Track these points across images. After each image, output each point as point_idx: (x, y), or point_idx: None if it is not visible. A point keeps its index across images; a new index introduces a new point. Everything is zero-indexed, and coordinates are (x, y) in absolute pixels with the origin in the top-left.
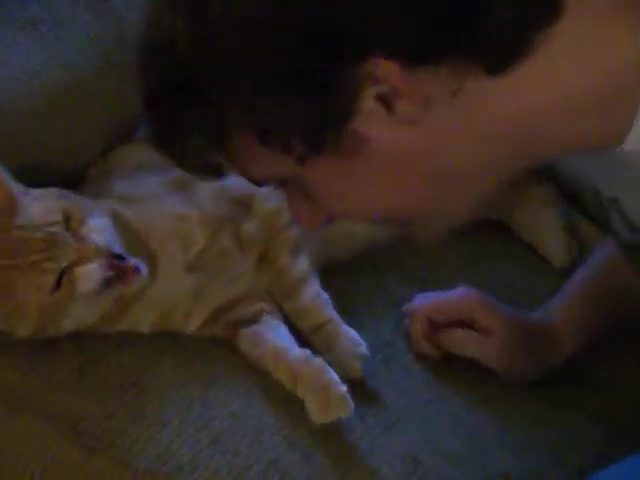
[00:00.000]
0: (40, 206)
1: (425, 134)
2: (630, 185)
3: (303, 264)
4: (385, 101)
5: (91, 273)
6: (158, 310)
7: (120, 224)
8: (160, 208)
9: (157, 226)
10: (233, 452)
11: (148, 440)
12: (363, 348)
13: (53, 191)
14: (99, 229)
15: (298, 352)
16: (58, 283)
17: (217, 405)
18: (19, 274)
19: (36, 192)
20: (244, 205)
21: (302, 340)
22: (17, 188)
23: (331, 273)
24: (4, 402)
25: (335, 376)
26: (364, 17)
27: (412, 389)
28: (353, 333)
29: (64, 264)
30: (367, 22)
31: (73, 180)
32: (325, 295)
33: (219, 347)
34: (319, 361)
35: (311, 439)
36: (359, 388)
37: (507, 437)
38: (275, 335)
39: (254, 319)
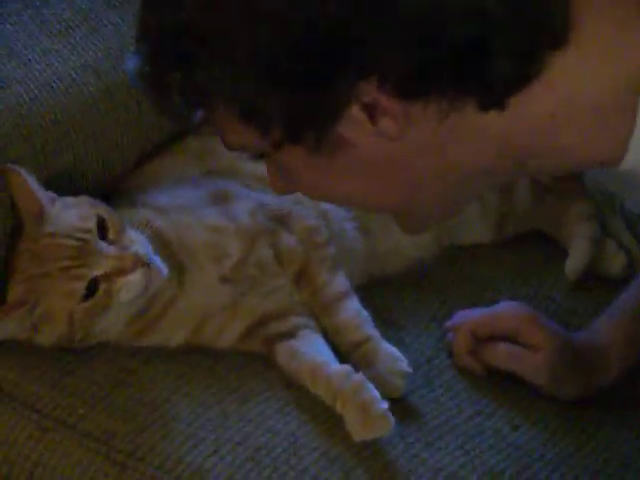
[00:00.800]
0: (73, 213)
1: (406, 149)
2: None
3: (342, 281)
4: (370, 113)
5: (136, 283)
6: (191, 321)
7: (150, 233)
8: (195, 219)
9: (191, 237)
10: (271, 468)
11: (181, 457)
12: (404, 365)
13: (85, 199)
14: (140, 239)
15: (338, 368)
16: (87, 290)
17: (254, 421)
18: (48, 281)
19: (68, 200)
20: (281, 222)
21: (340, 356)
22: (46, 196)
23: (371, 287)
24: (34, 417)
25: (376, 393)
26: (372, 40)
27: (454, 405)
28: (394, 349)
29: (97, 272)
30: (372, 46)
31: (107, 187)
32: (365, 313)
33: (254, 362)
34: (359, 377)
35: (351, 455)
36: (400, 404)
37: (552, 454)
38: (314, 349)
39: (292, 333)
